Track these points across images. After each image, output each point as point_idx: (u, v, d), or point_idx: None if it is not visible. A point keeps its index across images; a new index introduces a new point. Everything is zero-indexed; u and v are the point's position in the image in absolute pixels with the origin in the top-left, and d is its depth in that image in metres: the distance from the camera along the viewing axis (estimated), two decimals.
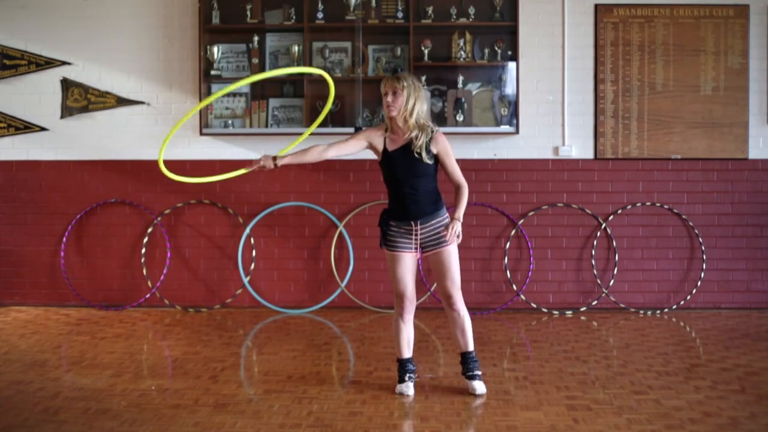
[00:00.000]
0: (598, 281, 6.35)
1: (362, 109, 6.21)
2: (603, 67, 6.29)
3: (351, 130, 6.14)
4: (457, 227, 3.99)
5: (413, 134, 4.04)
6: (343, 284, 6.36)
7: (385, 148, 4.10)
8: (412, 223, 4.07)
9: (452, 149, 4.12)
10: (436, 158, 4.09)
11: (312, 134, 6.25)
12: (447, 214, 4.13)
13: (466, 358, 4.20)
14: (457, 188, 4.11)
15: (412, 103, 4.02)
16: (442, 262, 4.08)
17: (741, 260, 6.34)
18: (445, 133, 6.13)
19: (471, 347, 4.18)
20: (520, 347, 5.23)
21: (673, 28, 6.28)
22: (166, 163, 6.42)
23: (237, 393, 4.18)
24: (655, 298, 6.36)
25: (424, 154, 4.02)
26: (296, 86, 6.33)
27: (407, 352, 4.20)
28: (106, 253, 6.49)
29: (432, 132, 4.08)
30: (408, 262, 4.12)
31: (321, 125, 6.23)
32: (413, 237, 4.08)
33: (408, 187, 4.05)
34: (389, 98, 4.02)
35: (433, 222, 4.07)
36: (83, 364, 4.77)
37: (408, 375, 4.18)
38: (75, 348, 5.17)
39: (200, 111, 6.20)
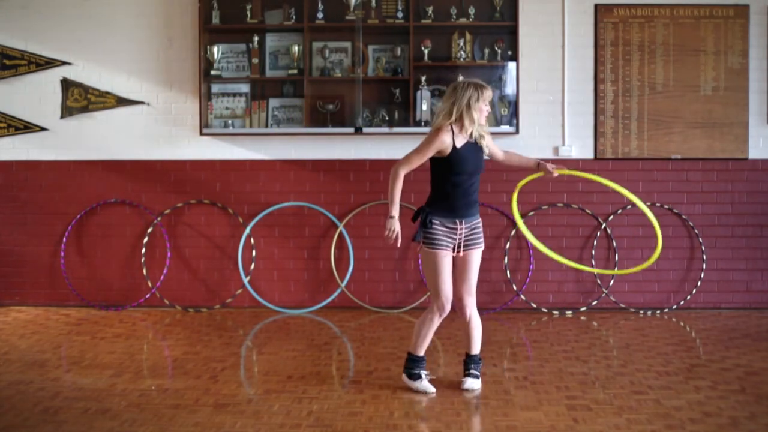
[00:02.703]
0: (598, 281, 6.34)
1: (362, 109, 6.21)
2: (603, 67, 6.29)
3: (351, 130, 6.14)
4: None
5: (475, 134, 4.16)
6: (343, 284, 6.36)
7: (454, 145, 4.10)
8: (458, 221, 4.14)
9: None
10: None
11: (312, 135, 6.27)
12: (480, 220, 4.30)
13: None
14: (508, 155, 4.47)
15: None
16: (470, 263, 4.21)
17: (741, 260, 6.34)
18: None
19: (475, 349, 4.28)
20: (520, 347, 5.23)
21: (673, 28, 6.28)
22: (167, 162, 6.44)
23: (237, 393, 4.18)
24: (655, 298, 6.36)
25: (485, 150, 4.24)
26: (296, 86, 6.33)
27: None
28: (106, 253, 6.48)
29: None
30: (448, 262, 4.17)
31: (320, 125, 6.25)
32: (456, 236, 4.15)
33: (471, 183, 4.17)
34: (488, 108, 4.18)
35: (474, 221, 4.21)
36: (83, 364, 4.77)
37: (424, 372, 4.23)
38: (75, 348, 5.17)
39: (200, 111, 6.21)
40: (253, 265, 6.40)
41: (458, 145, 4.09)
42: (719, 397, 4.06)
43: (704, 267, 6.31)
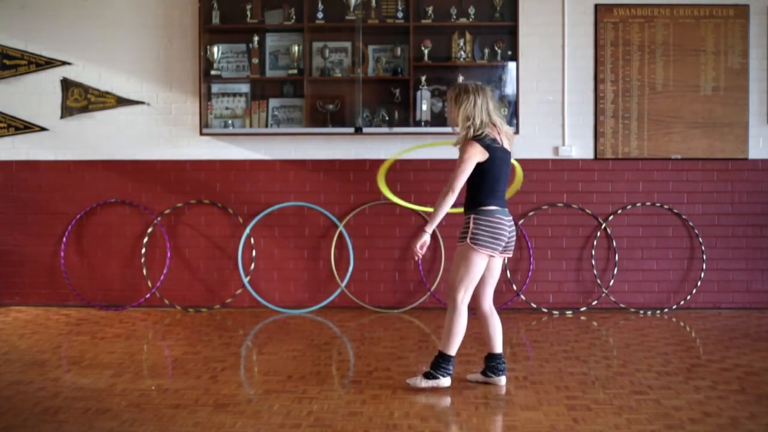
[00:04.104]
0: (598, 281, 6.35)
1: (362, 109, 6.21)
2: (603, 67, 6.29)
3: (351, 130, 6.14)
4: (423, 239, 4.13)
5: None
6: (343, 284, 6.36)
7: None
8: None
9: (464, 156, 4.09)
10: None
11: (312, 135, 6.27)
12: (471, 217, 4.14)
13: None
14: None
15: (455, 111, 4.18)
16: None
17: (741, 260, 6.34)
18: (445, 134, 6.16)
19: (442, 348, 4.22)
20: (520, 347, 5.23)
21: (673, 28, 6.28)
22: (167, 162, 6.44)
23: (237, 393, 4.18)
24: (655, 298, 6.36)
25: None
26: (296, 86, 6.33)
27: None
28: (106, 253, 6.48)
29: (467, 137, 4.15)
30: None
31: (320, 125, 6.25)
32: None
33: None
34: (446, 109, 4.38)
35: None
36: (83, 364, 4.77)
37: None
38: (75, 348, 5.17)
39: (200, 111, 6.21)
40: (253, 265, 6.40)
41: None
42: (719, 397, 4.06)
43: (704, 267, 6.31)
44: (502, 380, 4.27)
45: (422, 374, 4.21)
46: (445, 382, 4.18)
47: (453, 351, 4.19)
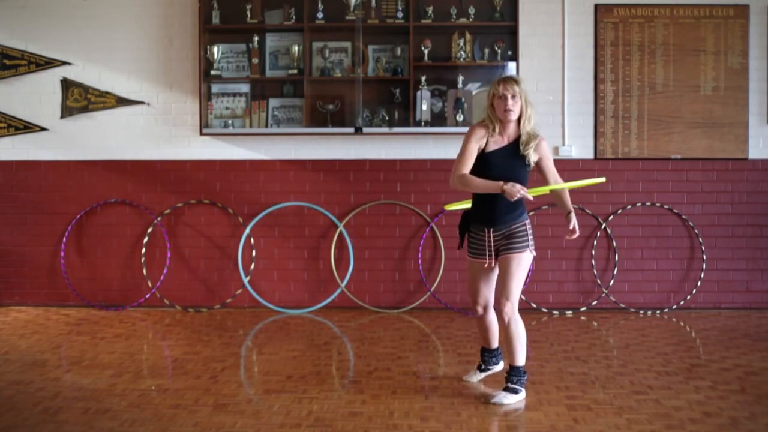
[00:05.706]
0: (598, 281, 6.35)
1: (362, 109, 6.21)
2: (603, 67, 6.29)
3: (351, 130, 6.14)
4: (575, 219, 4.01)
5: (523, 138, 3.97)
6: (343, 284, 6.36)
7: (484, 148, 4.00)
8: (486, 229, 4.03)
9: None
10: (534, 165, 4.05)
11: (312, 135, 6.27)
12: (526, 223, 4.01)
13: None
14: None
15: (530, 109, 3.97)
16: (505, 267, 4.01)
17: (741, 260, 6.34)
18: (445, 134, 6.17)
19: (516, 362, 4.05)
20: None
21: (673, 28, 6.28)
22: (167, 162, 6.44)
23: (237, 393, 4.18)
24: (655, 298, 6.36)
25: (531, 159, 3.98)
26: (296, 86, 6.33)
27: (485, 343, 4.38)
28: (106, 253, 6.48)
29: (537, 138, 4.00)
30: (479, 269, 4.15)
31: (320, 125, 6.25)
32: (485, 243, 4.06)
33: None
34: (509, 102, 3.91)
35: (507, 229, 4.00)
36: (83, 364, 4.77)
37: (479, 364, 4.41)
38: (75, 348, 5.17)
39: (200, 111, 6.21)
40: (253, 265, 6.40)
41: (489, 149, 3.98)
42: (719, 397, 4.06)
43: (704, 267, 6.31)
44: (502, 363, 4.40)
45: (504, 390, 4.02)
46: (523, 393, 4.07)
47: (524, 360, 4.08)
